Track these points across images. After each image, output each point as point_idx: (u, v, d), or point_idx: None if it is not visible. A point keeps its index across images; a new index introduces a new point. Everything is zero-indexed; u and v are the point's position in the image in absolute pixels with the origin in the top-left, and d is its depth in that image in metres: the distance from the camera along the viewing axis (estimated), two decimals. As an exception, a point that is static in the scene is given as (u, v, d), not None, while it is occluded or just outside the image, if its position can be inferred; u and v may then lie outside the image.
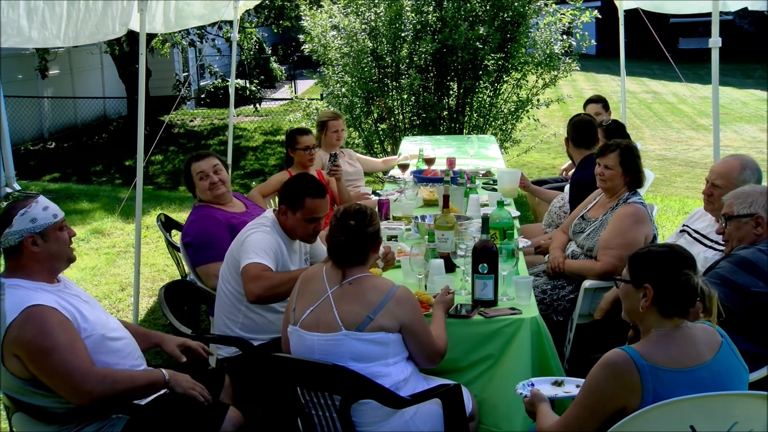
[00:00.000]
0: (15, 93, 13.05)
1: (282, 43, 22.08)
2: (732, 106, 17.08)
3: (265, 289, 3.23)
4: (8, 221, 2.71)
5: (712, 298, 2.32)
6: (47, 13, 4.42)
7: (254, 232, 3.43)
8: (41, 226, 2.74)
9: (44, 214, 2.76)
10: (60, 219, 2.82)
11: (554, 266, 4.12)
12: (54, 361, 2.57)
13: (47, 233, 2.76)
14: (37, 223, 2.73)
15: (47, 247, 2.76)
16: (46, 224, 2.75)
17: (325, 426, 2.75)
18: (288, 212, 3.43)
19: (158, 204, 9.10)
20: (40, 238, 2.74)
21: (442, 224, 3.70)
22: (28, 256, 2.74)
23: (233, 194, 4.37)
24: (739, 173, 3.70)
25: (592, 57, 22.91)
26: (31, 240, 2.72)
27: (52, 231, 2.77)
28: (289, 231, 3.49)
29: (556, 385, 2.71)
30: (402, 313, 2.76)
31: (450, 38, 8.62)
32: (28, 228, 2.72)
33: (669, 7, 7.17)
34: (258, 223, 3.50)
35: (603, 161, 4.07)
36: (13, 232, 2.71)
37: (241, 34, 13.40)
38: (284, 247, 3.46)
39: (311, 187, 3.45)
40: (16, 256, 2.74)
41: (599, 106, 6.51)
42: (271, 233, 3.44)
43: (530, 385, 2.69)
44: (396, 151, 7.49)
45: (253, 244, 3.35)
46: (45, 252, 2.76)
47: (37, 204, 2.77)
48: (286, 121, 13.14)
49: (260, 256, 3.30)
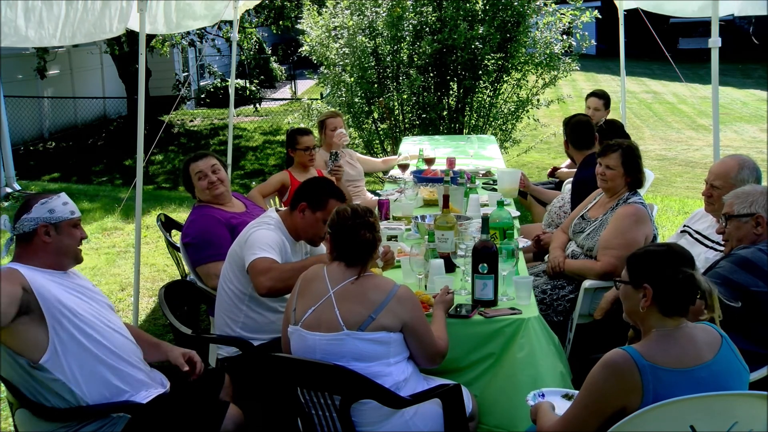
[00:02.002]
0: (15, 93, 13.05)
1: (282, 43, 22.08)
2: (732, 106, 17.08)
3: (277, 280, 3.22)
4: (27, 208, 2.83)
5: (712, 295, 2.32)
6: (45, 13, 4.42)
7: (258, 229, 3.43)
8: (57, 218, 2.84)
9: (63, 208, 2.87)
10: (76, 216, 2.92)
11: (554, 266, 4.12)
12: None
13: (62, 226, 2.86)
14: (54, 215, 2.84)
15: (59, 240, 2.85)
16: (63, 218, 2.85)
17: (325, 426, 2.75)
18: (307, 210, 3.42)
19: (158, 204, 9.10)
20: (53, 230, 2.84)
21: (442, 224, 3.70)
22: (39, 245, 2.82)
23: (233, 194, 4.37)
24: (738, 173, 3.70)
25: (592, 57, 22.92)
26: (44, 229, 2.82)
27: (66, 226, 2.87)
28: (299, 230, 3.48)
29: (567, 399, 2.67)
30: (403, 312, 2.76)
31: (449, 38, 8.62)
32: (45, 217, 2.82)
33: (669, 7, 7.17)
34: (261, 222, 3.50)
35: (604, 161, 4.07)
36: (29, 219, 2.81)
37: (241, 34, 13.41)
38: (288, 246, 3.46)
39: (336, 191, 3.50)
40: (27, 244, 2.83)
41: (600, 102, 6.49)
42: (275, 231, 3.44)
43: (541, 396, 2.68)
44: (396, 151, 7.49)
45: (258, 240, 3.35)
46: (55, 244, 2.84)
47: (58, 198, 2.89)
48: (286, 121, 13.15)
49: (266, 251, 3.31)
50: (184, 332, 3.29)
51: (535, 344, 3.12)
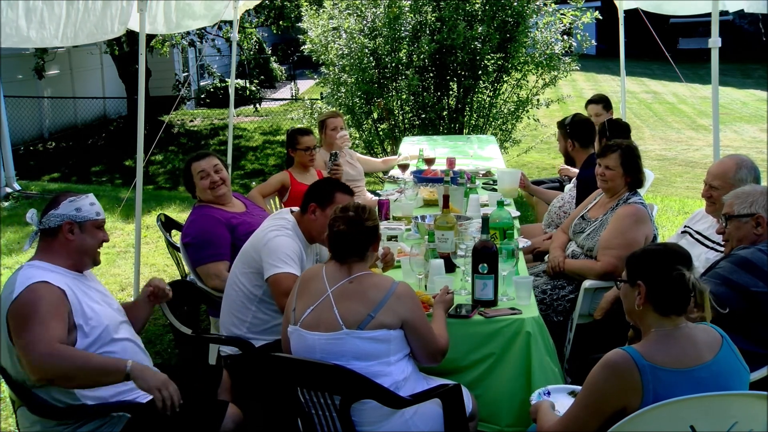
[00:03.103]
0: (15, 93, 13.04)
1: (282, 43, 22.08)
2: (732, 106, 17.08)
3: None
4: (56, 204, 2.86)
5: (703, 294, 2.32)
6: (46, 13, 4.43)
7: (279, 235, 3.40)
8: (83, 218, 2.88)
9: (90, 208, 2.91)
10: (101, 218, 2.95)
11: (554, 266, 4.12)
12: (25, 330, 2.62)
13: (86, 226, 2.89)
14: (81, 213, 2.87)
15: (82, 239, 2.88)
16: (88, 217, 2.89)
17: (324, 425, 2.75)
18: (317, 210, 3.42)
19: (158, 204, 9.09)
20: (77, 228, 2.87)
21: (442, 224, 3.70)
22: (62, 242, 2.85)
23: (233, 194, 4.37)
24: (735, 173, 3.70)
25: (592, 57, 22.91)
26: (69, 227, 2.85)
27: (91, 226, 2.91)
28: (313, 232, 3.47)
29: (573, 396, 2.67)
30: (403, 308, 2.76)
31: (449, 38, 8.62)
32: (71, 215, 2.85)
33: (668, 7, 7.17)
34: (279, 225, 3.46)
35: (604, 161, 4.08)
36: (56, 215, 2.84)
37: (241, 34, 13.40)
38: (303, 252, 3.46)
39: (340, 184, 3.54)
40: (50, 239, 2.86)
41: (599, 107, 6.50)
42: (293, 237, 3.42)
43: (546, 394, 2.68)
44: (396, 151, 7.48)
45: (280, 250, 3.34)
46: (78, 242, 2.87)
47: (86, 198, 2.93)
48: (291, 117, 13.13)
49: (289, 264, 3.31)
50: (184, 332, 3.29)
51: (534, 344, 3.12)
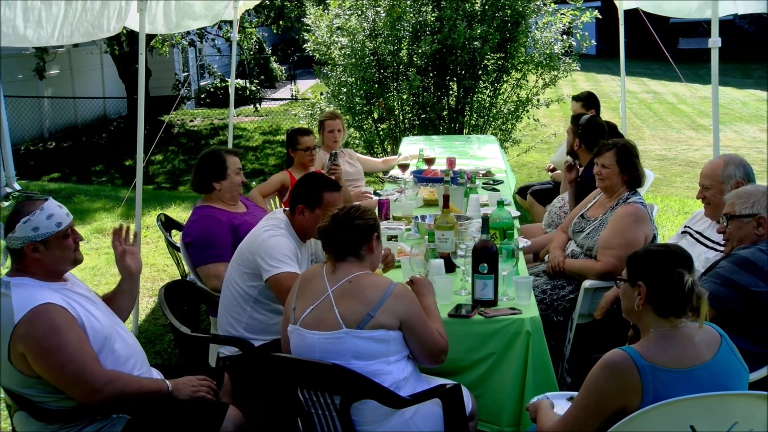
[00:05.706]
0: (15, 93, 13.04)
1: (282, 43, 22.08)
2: (732, 106, 17.08)
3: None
4: (11, 227, 2.70)
5: (701, 299, 2.31)
6: (44, 13, 4.42)
7: (274, 235, 3.40)
8: (42, 236, 2.71)
9: (47, 222, 2.71)
10: (64, 228, 2.76)
11: (554, 266, 4.12)
12: (63, 359, 2.57)
13: (50, 241, 2.73)
14: (39, 232, 2.70)
15: (49, 254, 2.74)
16: (48, 233, 2.71)
17: (324, 425, 2.75)
18: (306, 211, 3.42)
19: (158, 204, 9.09)
20: (42, 246, 2.71)
21: (442, 224, 3.70)
22: (30, 260, 2.73)
23: (234, 194, 4.38)
24: (723, 170, 3.71)
25: (592, 57, 22.90)
26: (32, 247, 2.71)
27: (55, 239, 2.73)
28: (305, 231, 3.47)
29: (571, 401, 2.67)
30: (400, 309, 2.76)
31: (449, 38, 8.62)
32: (30, 236, 2.69)
33: (668, 7, 7.17)
34: (272, 225, 3.46)
35: (600, 160, 4.09)
36: (15, 238, 2.70)
37: (241, 34, 13.40)
38: (298, 250, 3.46)
39: (326, 182, 3.50)
40: (20, 258, 2.75)
41: (578, 105, 6.31)
42: (287, 236, 3.43)
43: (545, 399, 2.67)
44: (396, 151, 7.48)
45: (277, 250, 3.34)
46: (47, 258, 2.74)
47: (41, 212, 2.71)
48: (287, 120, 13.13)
49: (288, 264, 3.31)
50: (184, 332, 3.29)
51: (534, 344, 3.12)
